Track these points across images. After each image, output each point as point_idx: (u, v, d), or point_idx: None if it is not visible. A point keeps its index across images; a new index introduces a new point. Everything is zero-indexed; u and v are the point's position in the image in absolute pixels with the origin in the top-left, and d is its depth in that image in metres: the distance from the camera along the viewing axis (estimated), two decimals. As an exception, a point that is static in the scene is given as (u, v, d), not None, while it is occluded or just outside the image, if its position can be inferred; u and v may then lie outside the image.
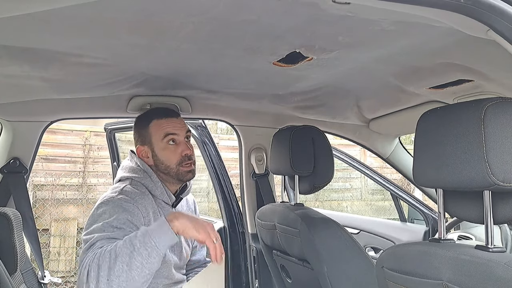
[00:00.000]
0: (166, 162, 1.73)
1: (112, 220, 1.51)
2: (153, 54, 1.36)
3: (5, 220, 1.77)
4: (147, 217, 1.64)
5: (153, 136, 1.74)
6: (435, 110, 1.10)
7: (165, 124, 1.73)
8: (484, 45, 1.01)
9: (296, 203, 1.85)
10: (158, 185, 1.74)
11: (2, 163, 2.00)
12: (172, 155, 1.72)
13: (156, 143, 1.73)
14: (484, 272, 0.91)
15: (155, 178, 1.74)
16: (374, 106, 2.05)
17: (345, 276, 1.58)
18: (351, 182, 8.19)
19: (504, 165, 0.92)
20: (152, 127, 1.74)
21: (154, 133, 1.73)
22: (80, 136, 6.20)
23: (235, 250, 2.66)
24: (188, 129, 1.79)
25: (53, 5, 0.92)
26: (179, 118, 1.79)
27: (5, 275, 1.61)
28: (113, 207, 1.56)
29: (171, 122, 1.74)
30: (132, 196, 1.64)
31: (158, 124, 1.74)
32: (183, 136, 1.75)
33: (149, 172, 1.74)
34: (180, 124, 1.77)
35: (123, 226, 1.51)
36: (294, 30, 1.13)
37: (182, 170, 1.73)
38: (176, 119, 1.77)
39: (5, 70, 1.45)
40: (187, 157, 1.73)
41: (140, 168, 1.75)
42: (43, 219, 5.83)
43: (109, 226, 1.50)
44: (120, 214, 1.54)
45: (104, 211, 1.56)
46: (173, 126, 1.74)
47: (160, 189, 1.74)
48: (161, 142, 1.73)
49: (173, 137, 1.73)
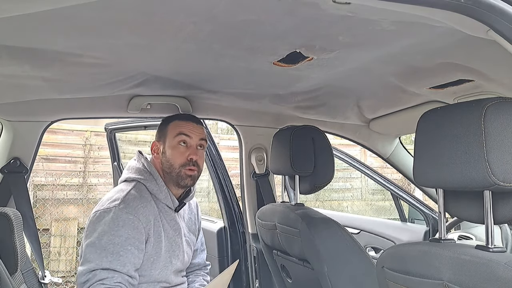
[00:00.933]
0: (171, 160, 1.75)
1: (113, 237, 1.55)
2: (153, 54, 1.36)
3: (5, 220, 1.77)
4: (148, 226, 1.65)
5: (169, 133, 1.78)
6: (435, 110, 1.10)
7: (182, 125, 1.78)
8: (485, 45, 1.01)
9: (297, 203, 1.85)
10: (163, 188, 1.74)
11: (2, 163, 2.00)
12: (178, 155, 1.74)
13: (169, 140, 1.77)
14: (484, 272, 0.91)
15: (160, 181, 1.75)
16: (374, 106, 2.05)
17: (346, 276, 1.58)
18: (351, 182, 8.18)
19: (504, 165, 0.92)
20: (171, 125, 1.80)
21: (171, 130, 1.78)
22: (81, 136, 6.21)
23: (236, 250, 2.66)
24: (204, 137, 1.81)
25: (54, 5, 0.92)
26: (199, 124, 1.82)
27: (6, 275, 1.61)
28: (113, 219, 1.59)
29: (189, 125, 1.78)
30: (134, 206, 1.64)
31: (177, 124, 1.79)
32: (196, 142, 1.78)
33: (154, 175, 1.75)
34: (197, 130, 1.79)
35: (124, 243, 1.55)
36: (295, 30, 1.13)
37: (183, 172, 1.74)
38: (196, 124, 1.81)
39: (6, 70, 1.45)
40: (192, 162, 1.74)
41: (146, 170, 1.76)
42: (44, 219, 5.83)
43: (110, 244, 1.54)
44: (121, 229, 1.57)
45: (104, 222, 1.58)
46: (189, 129, 1.77)
47: (164, 193, 1.74)
48: (173, 140, 1.76)
49: (185, 138, 1.76)
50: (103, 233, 1.56)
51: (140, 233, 1.61)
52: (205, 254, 2.09)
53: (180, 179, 1.74)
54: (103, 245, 1.54)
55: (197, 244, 2.02)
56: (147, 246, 1.64)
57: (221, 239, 2.73)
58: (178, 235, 1.78)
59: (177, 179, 1.75)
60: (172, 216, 1.77)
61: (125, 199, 1.65)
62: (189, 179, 1.75)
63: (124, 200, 1.64)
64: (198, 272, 2.02)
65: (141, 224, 1.62)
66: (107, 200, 1.68)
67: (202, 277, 2.01)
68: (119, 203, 1.63)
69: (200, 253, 2.05)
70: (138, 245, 1.59)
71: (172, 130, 1.78)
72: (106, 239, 1.55)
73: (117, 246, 1.54)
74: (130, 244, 1.56)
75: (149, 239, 1.65)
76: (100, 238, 1.56)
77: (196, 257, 2.03)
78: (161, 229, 1.71)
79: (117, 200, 1.65)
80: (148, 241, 1.65)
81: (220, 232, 2.74)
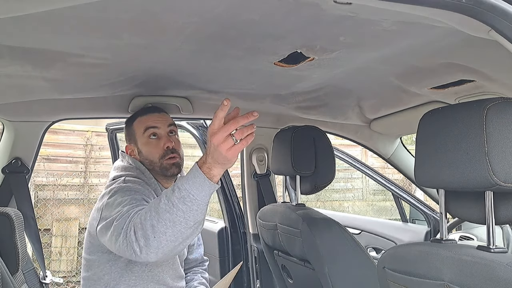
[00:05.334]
0: (149, 157, 1.74)
1: (130, 199, 1.50)
2: (154, 54, 1.36)
3: (6, 220, 1.77)
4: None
5: (137, 133, 1.77)
6: (436, 111, 1.10)
7: (146, 119, 1.77)
8: (486, 45, 1.01)
9: (298, 204, 1.85)
10: (152, 181, 1.73)
11: (4, 163, 2.01)
12: (154, 149, 1.73)
13: (139, 139, 1.76)
14: (485, 273, 0.91)
15: (148, 174, 1.74)
16: (375, 106, 2.05)
17: (346, 277, 1.58)
18: (352, 182, 8.18)
19: (506, 166, 0.92)
20: (135, 124, 1.79)
21: (137, 129, 1.77)
22: (82, 136, 6.21)
23: (236, 250, 2.66)
24: (171, 122, 1.79)
25: (55, 5, 0.92)
26: (161, 113, 1.80)
27: (7, 275, 1.62)
28: (124, 191, 1.56)
29: (152, 117, 1.77)
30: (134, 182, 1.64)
31: (140, 120, 1.78)
32: (165, 129, 1.76)
33: (142, 169, 1.74)
34: (161, 118, 1.78)
35: (135, 195, 1.53)
36: (295, 30, 1.13)
37: (165, 163, 1.72)
38: (158, 114, 1.79)
39: (7, 70, 1.45)
40: (169, 150, 1.73)
41: (133, 166, 1.75)
42: (45, 219, 5.83)
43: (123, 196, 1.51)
44: (135, 195, 1.54)
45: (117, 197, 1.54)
46: (153, 120, 1.76)
47: (154, 185, 1.73)
48: (143, 137, 1.75)
49: (153, 130, 1.75)
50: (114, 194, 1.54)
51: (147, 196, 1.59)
52: (202, 249, 2.08)
53: (165, 170, 1.73)
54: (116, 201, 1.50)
55: (194, 239, 2.01)
56: None
57: (222, 239, 2.73)
58: None
59: (162, 171, 1.73)
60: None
61: (126, 180, 1.65)
62: (174, 167, 1.74)
63: (125, 181, 1.64)
64: (196, 270, 2.01)
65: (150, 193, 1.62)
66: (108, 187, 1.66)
67: (200, 275, 2.00)
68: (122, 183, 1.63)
69: (197, 248, 2.05)
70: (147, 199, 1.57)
71: (138, 128, 1.77)
72: (118, 196, 1.52)
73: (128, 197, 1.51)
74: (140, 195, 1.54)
75: None
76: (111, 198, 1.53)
77: (193, 252, 2.02)
78: None
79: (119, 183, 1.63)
80: None
81: (221, 232, 2.74)
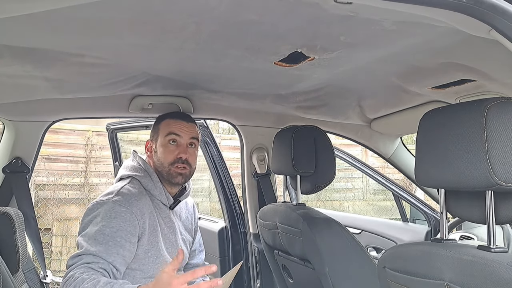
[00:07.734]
0: (161, 159, 1.76)
1: (104, 228, 1.57)
2: (155, 54, 1.36)
3: (7, 220, 1.77)
4: (142, 220, 1.66)
5: (160, 132, 1.80)
6: (437, 110, 1.10)
7: (172, 124, 1.79)
8: (486, 45, 1.01)
9: (298, 203, 1.85)
10: (158, 185, 1.76)
11: (4, 163, 2.01)
12: (168, 154, 1.76)
13: (160, 139, 1.79)
14: (486, 273, 0.91)
15: (155, 177, 1.77)
16: (376, 106, 2.05)
17: (347, 276, 1.58)
18: (352, 182, 8.18)
19: (506, 165, 0.92)
20: (162, 124, 1.81)
21: (162, 129, 1.80)
22: (82, 136, 6.22)
23: (237, 250, 2.66)
24: (195, 135, 1.81)
25: (55, 5, 0.92)
26: (190, 123, 1.82)
27: (8, 274, 1.62)
28: (106, 211, 1.61)
29: (179, 124, 1.79)
30: (127, 198, 1.66)
31: (167, 122, 1.80)
32: (186, 140, 1.78)
33: (149, 172, 1.77)
34: (187, 128, 1.79)
35: (114, 235, 1.56)
36: (296, 30, 1.13)
37: (173, 170, 1.75)
38: (186, 123, 1.81)
39: (8, 70, 1.45)
40: (181, 160, 1.75)
41: (142, 167, 1.78)
42: (45, 218, 5.84)
43: (100, 234, 1.55)
44: (112, 221, 1.59)
45: (98, 214, 1.61)
46: (179, 128, 1.78)
47: (159, 189, 1.76)
48: (163, 139, 1.78)
49: (175, 137, 1.77)
50: (95, 224, 1.59)
51: (133, 225, 1.62)
52: (203, 255, 2.09)
53: (171, 177, 1.76)
54: (94, 235, 1.56)
55: (195, 245, 2.02)
56: (142, 239, 1.65)
57: (222, 239, 2.73)
58: (172, 233, 1.79)
59: (168, 177, 1.76)
60: (166, 214, 1.79)
61: (120, 192, 1.67)
62: (180, 177, 1.76)
63: (118, 193, 1.67)
64: None
65: (134, 217, 1.63)
66: (103, 194, 1.70)
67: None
68: (113, 196, 1.66)
69: (198, 254, 2.05)
70: (129, 237, 1.60)
71: (163, 129, 1.79)
72: (97, 230, 1.57)
73: (107, 237, 1.56)
74: (120, 236, 1.57)
75: (144, 232, 1.66)
76: (92, 228, 1.58)
77: (194, 257, 2.03)
78: (156, 223, 1.72)
79: (112, 194, 1.67)
80: (143, 234, 1.66)
81: (222, 232, 2.74)
